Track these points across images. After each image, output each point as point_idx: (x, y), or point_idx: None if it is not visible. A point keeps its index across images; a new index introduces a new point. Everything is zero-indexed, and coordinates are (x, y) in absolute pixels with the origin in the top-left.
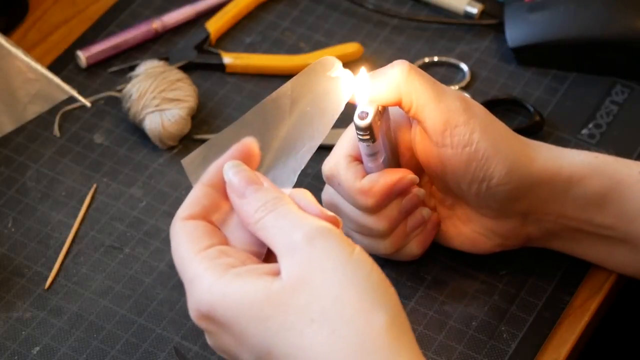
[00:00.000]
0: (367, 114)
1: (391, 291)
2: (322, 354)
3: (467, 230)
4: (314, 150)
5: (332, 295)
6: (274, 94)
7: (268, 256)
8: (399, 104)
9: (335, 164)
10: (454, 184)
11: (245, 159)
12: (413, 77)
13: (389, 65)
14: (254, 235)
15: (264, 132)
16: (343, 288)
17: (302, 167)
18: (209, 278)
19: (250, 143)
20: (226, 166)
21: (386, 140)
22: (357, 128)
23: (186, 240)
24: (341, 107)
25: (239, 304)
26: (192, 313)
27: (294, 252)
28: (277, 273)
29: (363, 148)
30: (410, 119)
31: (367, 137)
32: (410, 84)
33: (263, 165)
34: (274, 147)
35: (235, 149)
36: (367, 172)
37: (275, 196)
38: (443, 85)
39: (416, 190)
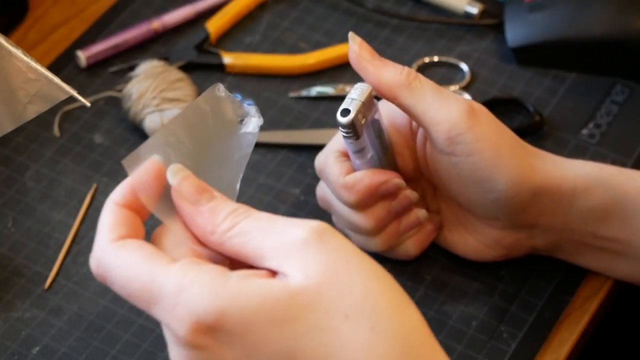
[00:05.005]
0: (349, 111)
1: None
2: (362, 352)
3: (473, 240)
4: (247, 158)
5: (363, 290)
6: (193, 102)
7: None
8: (392, 100)
9: (324, 158)
10: (460, 192)
11: (155, 179)
12: (418, 83)
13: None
14: (217, 246)
15: (191, 140)
16: (371, 282)
17: (240, 176)
18: (207, 285)
19: (157, 163)
20: (170, 172)
21: (376, 139)
22: (340, 125)
23: (141, 257)
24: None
25: (259, 307)
26: (185, 328)
27: (303, 248)
28: (271, 276)
29: (347, 145)
30: (411, 122)
31: (350, 134)
32: (414, 90)
33: (195, 174)
34: (203, 156)
35: (144, 168)
36: (355, 169)
37: (239, 205)
38: (449, 92)
39: (408, 192)
